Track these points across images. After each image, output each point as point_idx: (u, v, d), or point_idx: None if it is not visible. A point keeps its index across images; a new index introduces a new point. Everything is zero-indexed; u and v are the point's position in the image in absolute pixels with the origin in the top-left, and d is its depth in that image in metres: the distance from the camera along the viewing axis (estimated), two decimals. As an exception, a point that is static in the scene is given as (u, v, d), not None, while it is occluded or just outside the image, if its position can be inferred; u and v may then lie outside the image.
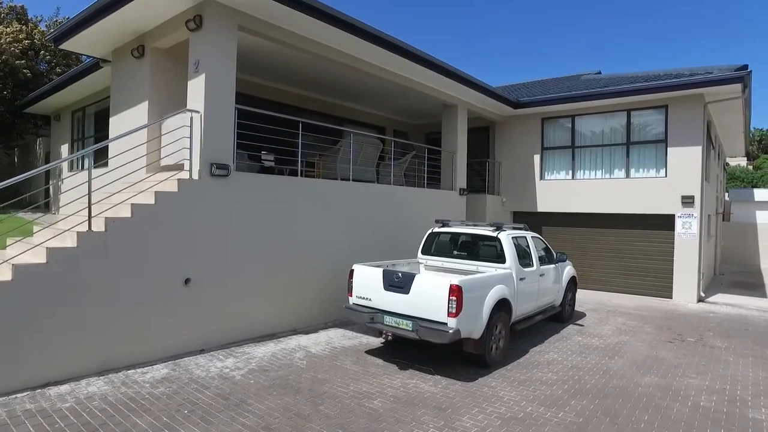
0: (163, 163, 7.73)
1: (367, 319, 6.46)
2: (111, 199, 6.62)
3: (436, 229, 7.96)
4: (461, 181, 12.24)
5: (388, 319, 6.31)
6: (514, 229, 7.91)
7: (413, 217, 10.46)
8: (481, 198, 13.20)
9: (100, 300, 5.75)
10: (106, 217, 5.93)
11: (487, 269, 7.05)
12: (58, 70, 16.04)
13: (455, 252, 7.70)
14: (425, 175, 11.33)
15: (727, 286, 13.89)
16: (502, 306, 6.53)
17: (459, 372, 6.11)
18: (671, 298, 11.43)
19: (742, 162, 41.21)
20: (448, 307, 5.67)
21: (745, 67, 10.03)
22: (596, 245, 12.60)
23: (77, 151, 13.59)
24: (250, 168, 8.52)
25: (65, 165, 13.61)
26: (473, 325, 5.93)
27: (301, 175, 8.91)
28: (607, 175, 12.50)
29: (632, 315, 9.75)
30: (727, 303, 11.18)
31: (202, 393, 5.29)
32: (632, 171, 12.15)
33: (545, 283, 7.86)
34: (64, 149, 14.11)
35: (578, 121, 12.92)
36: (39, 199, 13.48)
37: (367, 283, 6.58)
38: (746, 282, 14.85)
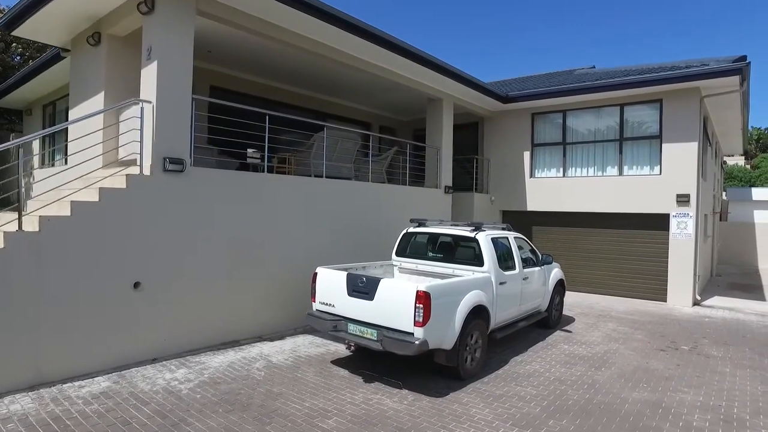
0: (120, 158, 7.19)
1: (330, 327, 5.92)
2: (53, 195, 6.09)
3: (411, 229, 7.42)
4: (446, 178, 11.70)
5: (352, 328, 5.77)
6: (495, 228, 7.38)
7: (394, 216, 9.92)
8: (468, 196, 12.66)
9: (34, 306, 5.19)
10: (40, 216, 5.38)
11: (464, 272, 6.52)
12: (31, 62, 15.43)
13: (431, 254, 7.16)
14: (407, 172, 10.78)
15: (723, 288, 13.39)
16: (479, 313, 5.99)
17: (429, 386, 5.57)
18: (665, 301, 10.91)
19: (740, 161, 40.77)
20: (414, 315, 5.13)
21: (744, 58, 9.52)
22: (588, 246, 12.08)
23: (48, 146, 13.05)
24: (221, 165, 7.99)
25: (36, 161, 13.05)
26: (443, 334, 5.39)
27: (273, 172, 8.40)
28: (600, 173, 11.98)
29: (624, 320, 9.22)
30: (724, 306, 10.66)
31: (139, 410, 4.74)
32: (625, 168, 11.62)
33: (529, 287, 7.33)
34: (36, 144, 13.53)
35: (569, 116, 12.39)
36: (10, 195, 12.89)
37: (331, 288, 6.04)
38: (744, 284, 14.35)
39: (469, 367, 5.83)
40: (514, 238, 7.31)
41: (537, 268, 7.66)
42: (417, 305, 5.12)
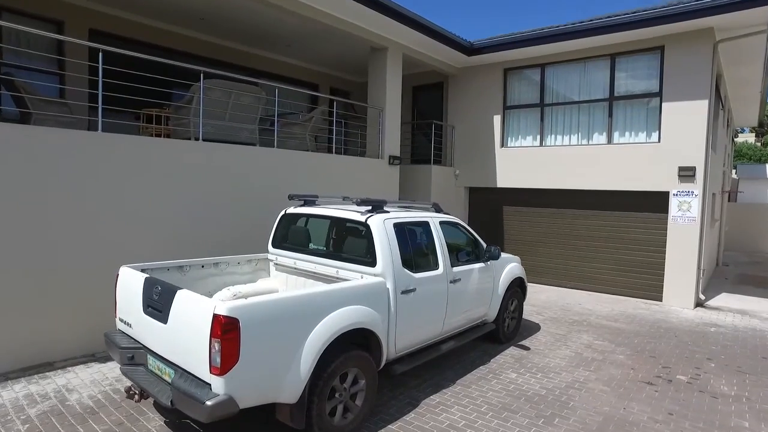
0: None
1: (125, 359, 3.78)
2: None
3: (291, 210, 5.21)
4: (392, 146, 9.42)
5: (152, 363, 3.63)
6: (412, 209, 5.19)
7: (320, 193, 7.76)
8: (424, 170, 10.42)
9: None
10: None
11: (352, 274, 4.35)
12: None
13: (313, 246, 4.97)
14: (333, 137, 8.53)
15: (732, 282, 11.20)
16: (360, 341, 3.86)
17: (266, 459, 3.47)
18: (661, 300, 8.74)
19: (750, 138, 38.17)
20: (210, 356, 2.98)
21: (776, -20, 7.11)
22: (569, 231, 9.87)
23: None
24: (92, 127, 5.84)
25: None
26: (277, 383, 3.24)
27: (139, 133, 6.23)
28: (584, 141, 9.69)
29: (604, 329, 7.07)
30: (734, 309, 8.49)
31: None
32: (616, 135, 9.32)
33: (463, 293, 5.16)
34: None
35: (549, 71, 10.04)
36: None
37: (129, 298, 3.88)
38: (756, 276, 12.13)
39: (339, 425, 3.70)
40: (441, 222, 5.09)
41: (477, 265, 5.46)
42: (213, 340, 2.96)
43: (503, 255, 6.25)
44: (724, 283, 10.97)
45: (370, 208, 4.53)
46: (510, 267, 6.18)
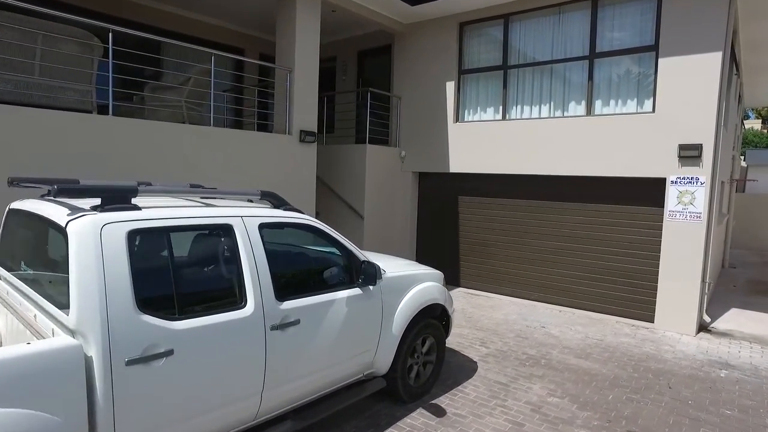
0: None
1: None
2: None
3: (17, 205, 3.11)
4: (304, 119, 7.24)
5: None
6: (209, 203, 3.11)
7: (190, 183, 5.73)
8: (357, 150, 8.31)
9: None
10: None
11: (49, 324, 2.29)
12: None
13: (23, 266, 2.89)
14: (211, 104, 6.33)
15: (742, 290, 9.13)
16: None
17: None
18: (652, 321, 6.68)
19: (756, 125, 35.89)
20: None
21: None
22: (536, 228, 7.77)
23: None
24: None
25: None
26: None
27: None
28: (558, 113, 7.56)
29: (568, 372, 5.01)
30: (749, 335, 6.43)
31: None
32: (597, 104, 7.19)
33: (310, 342, 3.08)
34: None
35: (514, 25, 7.87)
36: None
37: None
38: (771, 282, 10.07)
39: None
40: (263, 226, 2.98)
41: (344, 293, 3.37)
42: None
43: (417, 270, 4.21)
44: (732, 292, 8.91)
45: (99, 201, 2.43)
46: (420, 289, 4.08)
